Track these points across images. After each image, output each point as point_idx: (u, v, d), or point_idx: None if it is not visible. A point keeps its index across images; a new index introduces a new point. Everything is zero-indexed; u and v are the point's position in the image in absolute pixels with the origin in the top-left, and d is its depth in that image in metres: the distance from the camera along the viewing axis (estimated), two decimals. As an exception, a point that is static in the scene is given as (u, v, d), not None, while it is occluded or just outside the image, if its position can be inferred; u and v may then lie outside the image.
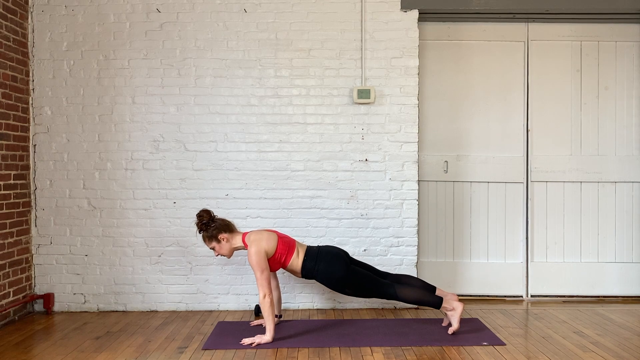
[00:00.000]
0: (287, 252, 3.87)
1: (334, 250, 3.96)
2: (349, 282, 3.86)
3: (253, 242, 3.80)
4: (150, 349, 3.62)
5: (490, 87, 4.93)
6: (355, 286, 3.88)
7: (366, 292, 3.91)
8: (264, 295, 3.68)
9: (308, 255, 3.90)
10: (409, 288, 3.89)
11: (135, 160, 4.60)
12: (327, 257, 3.89)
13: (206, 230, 3.91)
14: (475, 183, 4.94)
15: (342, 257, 3.92)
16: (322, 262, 3.86)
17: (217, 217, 3.99)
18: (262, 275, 3.71)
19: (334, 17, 4.61)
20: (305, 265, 3.88)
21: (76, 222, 4.59)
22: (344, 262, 3.89)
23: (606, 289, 4.93)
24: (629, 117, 4.93)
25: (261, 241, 3.80)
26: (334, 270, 3.85)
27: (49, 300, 4.53)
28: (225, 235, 3.90)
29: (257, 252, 3.75)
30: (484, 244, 4.96)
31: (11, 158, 4.33)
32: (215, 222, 3.92)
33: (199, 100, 4.61)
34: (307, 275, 3.92)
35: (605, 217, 4.94)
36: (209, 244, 3.95)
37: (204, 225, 3.91)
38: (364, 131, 4.63)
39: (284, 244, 3.88)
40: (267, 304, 3.67)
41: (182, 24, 4.60)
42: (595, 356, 3.42)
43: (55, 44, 4.58)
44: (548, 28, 4.91)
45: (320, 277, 3.88)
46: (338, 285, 3.89)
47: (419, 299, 3.88)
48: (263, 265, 3.73)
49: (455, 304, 3.85)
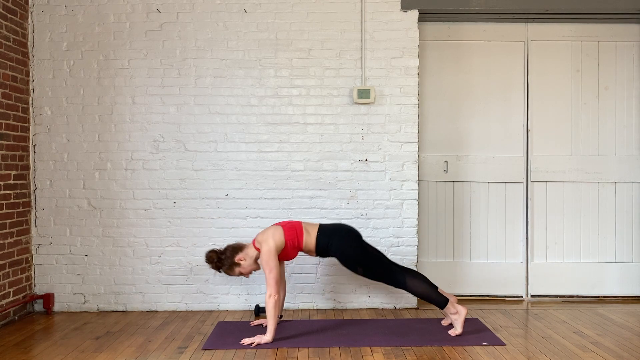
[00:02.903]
0: (296, 235, 3.87)
1: (348, 227, 3.97)
2: (363, 261, 3.86)
3: (262, 243, 3.81)
4: (150, 349, 3.62)
5: (491, 87, 4.93)
6: (368, 266, 3.87)
7: (377, 274, 3.89)
8: (270, 294, 3.68)
9: (321, 231, 3.90)
10: (418, 281, 3.88)
11: (135, 160, 4.60)
12: (340, 233, 3.90)
13: (223, 265, 3.90)
14: (475, 183, 4.94)
15: (356, 234, 3.94)
16: (336, 237, 3.87)
17: (220, 248, 3.97)
18: (271, 274, 3.71)
19: (334, 17, 4.62)
20: (319, 242, 3.87)
21: (76, 222, 4.59)
22: (357, 239, 3.91)
23: (606, 289, 4.93)
24: (629, 117, 4.93)
25: (268, 239, 3.80)
26: (347, 246, 3.85)
27: (49, 300, 4.53)
28: (240, 256, 3.88)
29: (268, 250, 3.76)
30: (484, 244, 4.96)
31: (11, 158, 4.33)
32: (224, 253, 3.90)
33: (199, 100, 4.61)
34: (321, 251, 3.90)
35: (605, 217, 4.94)
36: (234, 273, 3.92)
37: (217, 263, 3.90)
38: (364, 131, 4.63)
39: (289, 230, 3.87)
40: (271, 304, 3.67)
41: (182, 24, 4.60)
42: (595, 356, 3.42)
43: (55, 44, 4.58)
44: (548, 28, 4.91)
45: (334, 252, 3.87)
46: (351, 262, 3.88)
47: (427, 294, 3.87)
48: (272, 264, 3.73)
49: (459, 308, 3.85)
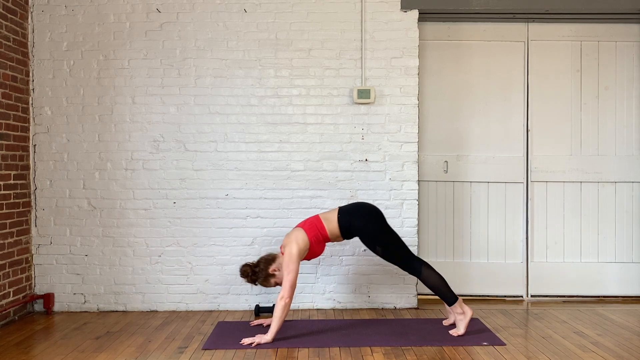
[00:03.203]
0: (317, 229, 3.85)
1: (370, 205, 3.99)
2: (383, 239, 3.86)
3: (286, 246, 3.80)
4: (150, 349, 3.62)
5: (490, 87, 4.93)
6: (388, 247, 3.87)
7: (395, 256, 3.89)
8: (282, 296, 3.66)
9: (341, 212, 3.90)
10: (434, 272, 3.88)
11: (135, 160, 4.60)
12: (362, 210, 3.92)
13: (258, 278, 3.87)
14: (475, 183, 4.94)
15: (377, 211, 3.94)
16: (358, 214, 3.88)
17: (253, 262, 3.96)
18: (289, 276, 3.70)
19: (334, 17, 4.62)
20: (341, 223, 3.86)
21: (76, 222, 4.59)
22: (378, 216, 3.91)
23: (606, 289, 4.93)
24: (629, 117, 4.93)
25: (292, 243, 3.78)
26: (368, 221, 3.86)
27: (49, 300, 4.53)
28: (274, 266, 3.85)
29: (289, 253, 3.75)
30: (484, 244, 4.96)
31: (11, 158, 4.33)
32: (257, 265, 3.88)
33: (199, 100, 4.61)
34: (345, 232, 3.88)
35: (605, 217, 4.94)
36: (269, 284, 3.90)
37: (252, 277, 3.88)
38: (364, 131, 4.63)
39: (310, 227, 3.86)
40: (281, 305, 3.65)
41: (182, 24, 4.60)
42: (595, 356, 3.42)
43: (55, 44, 4.58)
44: (548, 28, 4.91)
45: (356, 229, 3.87)
46: (371, 239, 3.88)
47: (440, 286, 3.86)
48: (292, 267, 3.71)
49: (466, 308, 3.85)
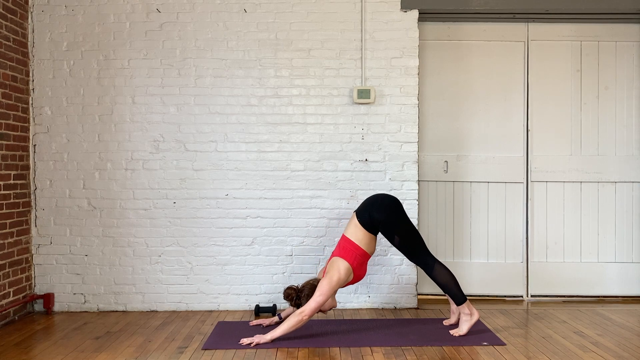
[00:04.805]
0: (352, 249, 3.82)
1: (385, 195, 3.98)
2: (402, 229, 3.85)
3: (328, 273, 3.79)
4: (150, 349, 3.62)
5: (490, 87, 4.93)
6: (405, 237, 3.85)
7: (411, 249, 3.87)
8: (302, 311, 3.65)
9: (358, 212, 3.89)
10: (446, 270, 3.87)
11: (135, 160, 4.60)
12: (377, 200, 3.91)
13: (302, 303, 3.83)
14: (475, 183, 4.94)
15: (394, 199, 3.93)
16: (375, 206, 3.86)
17: (297, 285, 3.95)
18: (318, 297, 3.69)
19: (334, 17, 4.61)
20: (363, 221, 3.83)
21: (76, 222, 4.59)
22: (396, 205, 3.90)
23: (606, 289, 4.93)
24: (629, 117, 4.93)
25: (334, 272, 3.76)
26: (388, 209, 3.85)
27: (49, 300, 4.52)
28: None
29: (329, 281, 3.74)
30: (484, 244, 4.95)
31: (11, 158, 4.33)
32: (302, 290, 3.86)
33: (199, 100, 4.61)
34: (370, 227, 3.83)
35: (605, 217, 4.94)
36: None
37: (297, 301, 3.87)
38: (364, 131, 4.63)
39: (346, 252, 3.81)
40: (297, 320, 3.64)
41: (182, 24, 4.60)
42: (596, 356, 3.42)
43: (55, 44, 4.58)
44: (548, 28, 4.91)
45: (377, 219, 3.83)
46: (390, 228, 3.85)
47: (450, 285, 3.85)
48: (325, 290, 3.70)
49: (473, 310, 3.85)
